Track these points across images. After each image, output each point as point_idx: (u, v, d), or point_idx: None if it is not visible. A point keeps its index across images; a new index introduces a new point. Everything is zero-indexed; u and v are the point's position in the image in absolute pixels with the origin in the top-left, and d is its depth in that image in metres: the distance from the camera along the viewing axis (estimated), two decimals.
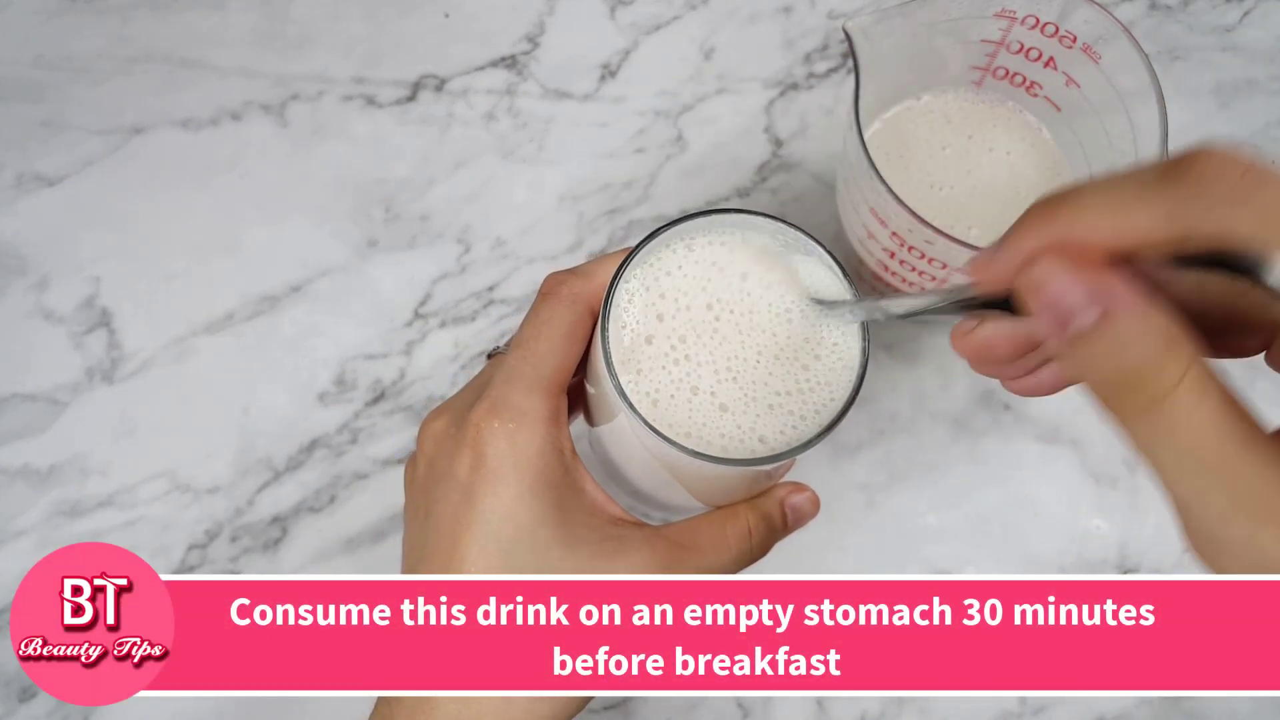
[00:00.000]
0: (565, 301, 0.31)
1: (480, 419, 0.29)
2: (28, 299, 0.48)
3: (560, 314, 0.31)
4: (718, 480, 0.31)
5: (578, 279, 0.31)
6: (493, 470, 0.29)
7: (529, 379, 0.30)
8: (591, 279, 0.31)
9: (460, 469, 0.29)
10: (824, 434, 0.28)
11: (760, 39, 0.53)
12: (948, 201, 0.42)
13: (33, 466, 0.46)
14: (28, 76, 0.51)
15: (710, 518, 0.32)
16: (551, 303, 0.31)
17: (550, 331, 0.31)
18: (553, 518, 0.29)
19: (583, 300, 0.31)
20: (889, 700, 0.44)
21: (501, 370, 0.31)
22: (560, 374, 0.31)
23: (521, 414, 0.29)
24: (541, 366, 0.30)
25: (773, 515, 0.32)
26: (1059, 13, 0.37)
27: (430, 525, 0.30)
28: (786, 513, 0.33)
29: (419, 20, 0.53)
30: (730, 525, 0.31)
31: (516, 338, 0.31)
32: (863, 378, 0.29)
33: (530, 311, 0.32)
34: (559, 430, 0.30)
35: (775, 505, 0.32)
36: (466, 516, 0.29)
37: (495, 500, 0.29)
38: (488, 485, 0.29)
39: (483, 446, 0.29)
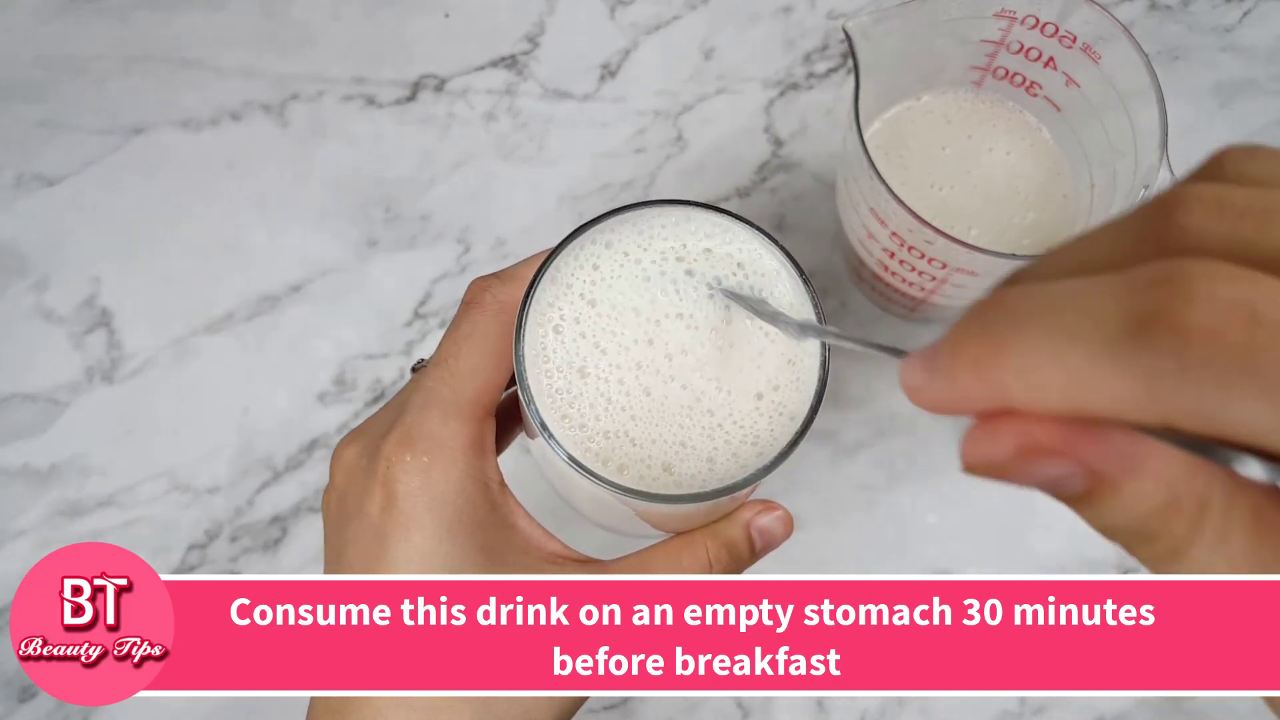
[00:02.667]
0: (490, 311, 0.28)
1: (391, 452, 0.26)
2: (28, 299, 0.48)
3: (484, 325, 0.28)
4: (668, 511, 0.27)
5: (503, 284, 0.28)
6: (404, 511, 0.26)
7: (447, 403, 0.27)
8: (518, 283, 0.28)
9: (371, 508, 0.26)
10: (784, 455, 0.26)
11: (760, 39, 0.53)
12: (948, 201, 0.42)
13: (32, 466, 0.46)
14: (28, 76, 0.51)
15: (665, 549, 0.28)
16: (474, 313, 0.28)
17: (473, 347, 0.27)
18: (476, 561, 0.26)
19: (509, 308, 0.27)
20: (889, 700, 0.44)
21: (418, 393, 0.27)
22: (485, 394, 0.27)
23: (438, 445, 0.26)
24: (462, 388, 0.27)
25: (737, 543, 0.28)
26: (1059, 13, 0.37)
27: (342, 570, 0.27)
28: (754, 536, 0.29)
29: (419, 20, 0.53)
30: (687, 557, 0.28)
31: (436, 354, 0.28)
32: (822, 394, 0.26)
33: (451, 323, 0.28)
34: (483, 460, 0.27)
35: (740, 530, 0.28)
36: (378, 564, 0.26)
37: (408, 546, 0.26)
38: (400, 529, 0.26)
39: (394, 484, 0.26)
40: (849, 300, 0.49)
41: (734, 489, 0.26)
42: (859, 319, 0.48)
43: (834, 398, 0.47)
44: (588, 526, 0.33)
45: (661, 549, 0.28)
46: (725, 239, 0.28)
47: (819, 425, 0.27)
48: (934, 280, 0.39)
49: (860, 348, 0.22)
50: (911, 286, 0.41)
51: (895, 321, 0.48)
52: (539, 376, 0.26)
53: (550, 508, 0.32)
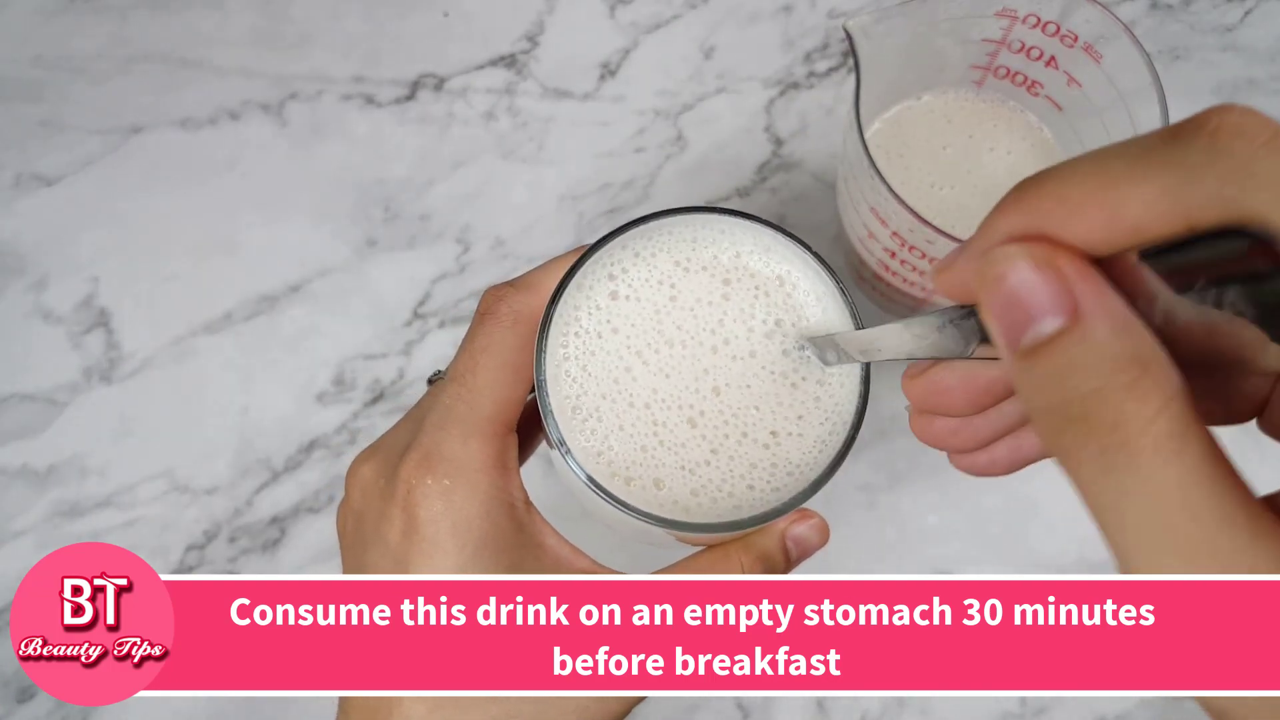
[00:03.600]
0: (505, 322, 0.27)
1: (411, 475, 0.25)
2: (26, 299, 0.48)
3: (500, 338, 0.26)
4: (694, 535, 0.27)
5: (519, 293, 0.27)
6: (427, 537, 0.25)
7: (466, 422, 0.26)
8: (535, 292, 0.27)
9: (391, 533, 0.26)
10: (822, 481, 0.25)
11: (760, 38, 0.53)
12: (948, 201, 0.42)
13: (31, 467, 0.46)
14: (27, 76, 0.51)
15: (697, 564, 0.27)
16: (490, 325, 0.27)
17: (489, 361, 0.26)
18: None
19: (525, 319, 0.27)
20: (889, 700, 0.44)
21: (435, 411, 0.26)
22: (505, 410, 0.26)
23: (458, 467, 0.25)
24: (480, 405, 0.26)
25: (772, 554, 0.27)
26: (1060, 12, 0.37)
27: None
28: (789, 547, 0.28)
29: (418, 20, 0.53)
30: (720, 571, 0.27)
31: (452, 369, 0.27)
32: (860, 420, 0.25)
33: (466, 336, 0.27)
34: (506, 479, 0.26)
35: (775, 541, 0.28)
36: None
37: (431, 572, 0.25)
38: (422, 555, 0.25)
39: (414, 509, 0.25)
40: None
41: (766, 518, 0.25)
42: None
43: None
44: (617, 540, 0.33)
45: (694, 565, 0.27)
46: (765, 256, 0.27)
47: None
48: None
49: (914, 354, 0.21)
50: (913, 286, 0.41)
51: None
52: (560, 391, 0.25)
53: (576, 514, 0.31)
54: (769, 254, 0.27)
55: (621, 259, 0.26)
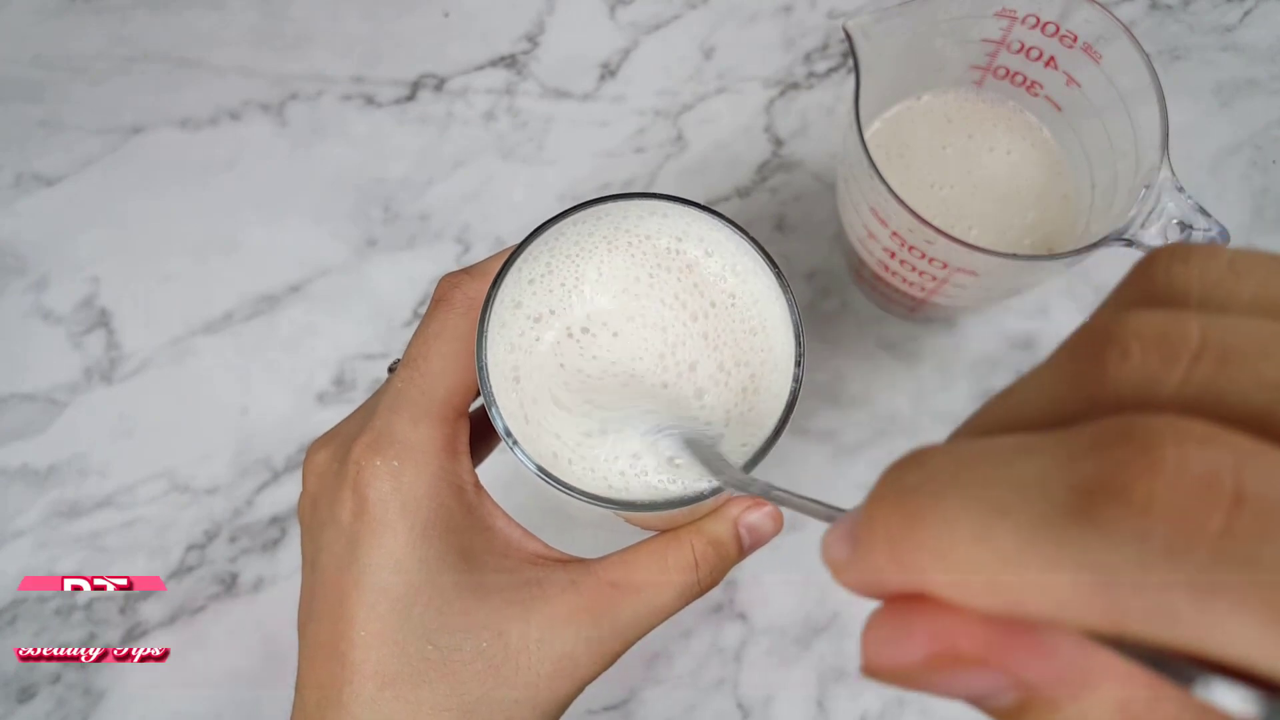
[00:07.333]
0: (459, 308, 0.27)
1: (361, 456, 0.26)
2: (26, 299, 0.48)
3: (453, 324, 0.27)
4: (641, 515, 0.26)
5: (473, 280, 0.27)
6: (376, 517, 0.25)
7: (416, 405, 0.26)
8: (489, 278, 0.27)
9: (343, 514, 0.26)
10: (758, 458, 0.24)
11: (760, 38, 0.53)
12: (948, 201, 0.42)
13: (31, 467, 0.46)
14: (27, 76, 0.51)
15: (650, 547, 0.27)
16: (443, 311, 0.27)
17: (442, 346, 0.27)
18: (453, 564, 0.25)
19: (478, 305, 0.27)
20: (889, 700, 0.43)
21: (387, 395, 0.27)
22: (456, 395, 0.27)
23: (408, 448, 0.26)
24: (432, 389, 0.26)
25: (724, 540, 0.27)
26: (1060, 12, 0.37)
27: (317, 578, 0.26)
28: (742, 534, 0.28)
29: (418, 20, 0.53)
30: (672, 555, 0.27)
31: (405, 354, 0.28)
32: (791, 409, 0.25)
33: (421, 322, 0.28)
34: (455, 462, 0.27)
35: (727, 527, 0.27)
36: (352, 571, 0.25)
37: (381, 551, 0.25)
38: (372, 534, 0.25)
39: (364, 489, 0.25)
40: (849, 300, 0.49)
41: (699, 499, 0.24)
42: (859, 319, 0.48)
43: (835, 398, 0.47)
44: (577, 525, 0.33)
45: (646, 548, 0.27)
46: (715, 248, 0.27)
47: (820, 425, 0.26)
48: (935, 280, 0.39)
49: (800, 509, 0.19)
50: (912, 286, 0.41)
51: (896, 321, 0.48)
52: (502, 380, 0.25)
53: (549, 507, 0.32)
54: (703, 241, 0.27)
55: (560, 245, 0.27)
